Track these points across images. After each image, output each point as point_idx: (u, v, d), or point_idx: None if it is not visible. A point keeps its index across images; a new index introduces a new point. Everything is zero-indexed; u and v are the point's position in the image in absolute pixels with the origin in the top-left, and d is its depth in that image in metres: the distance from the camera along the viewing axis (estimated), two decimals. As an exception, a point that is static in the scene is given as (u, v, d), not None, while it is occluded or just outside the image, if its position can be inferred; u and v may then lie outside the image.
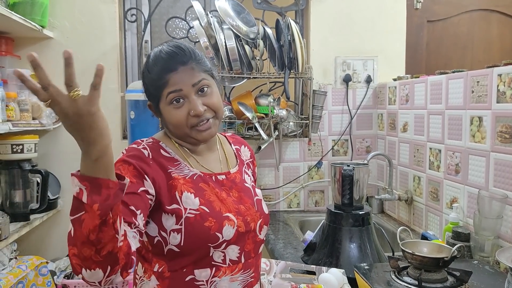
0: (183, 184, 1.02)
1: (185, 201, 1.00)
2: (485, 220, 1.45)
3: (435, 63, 2.65)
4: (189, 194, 1.01)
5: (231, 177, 1.13)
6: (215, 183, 1.08)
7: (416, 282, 1.22)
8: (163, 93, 1.03)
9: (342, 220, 1.56)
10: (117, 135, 2.27)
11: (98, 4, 2.23)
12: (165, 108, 1.04)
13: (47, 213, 2.09)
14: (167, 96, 1.02)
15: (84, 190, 0.74)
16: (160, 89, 1.03)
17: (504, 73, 1.43)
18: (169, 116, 1.04)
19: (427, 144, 1.90)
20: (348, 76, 2.40)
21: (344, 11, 2.39)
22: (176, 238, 0.98)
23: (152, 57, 1.06)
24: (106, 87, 2.25)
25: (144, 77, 1.08)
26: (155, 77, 1.03)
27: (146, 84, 1.08)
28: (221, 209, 1.03)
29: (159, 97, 1.04)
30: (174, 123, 1.04)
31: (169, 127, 1.07)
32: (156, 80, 1.03)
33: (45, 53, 2.20)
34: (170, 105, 1.03)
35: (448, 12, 2.71)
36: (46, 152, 2.21)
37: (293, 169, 2.41)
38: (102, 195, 0.75)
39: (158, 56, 1.05)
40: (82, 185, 0.74)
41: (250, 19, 2.17)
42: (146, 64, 1.08)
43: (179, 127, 1.04)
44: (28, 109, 1.91)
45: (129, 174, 0.95)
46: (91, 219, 0.75)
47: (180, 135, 1.08)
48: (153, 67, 1.05)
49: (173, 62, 1.03)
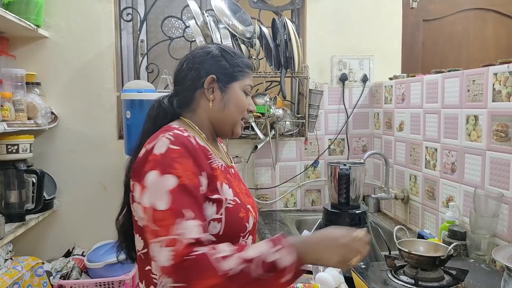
0: (220, 174, 1.05)
1: (224, 191, 1.03)
2: (481, 219, 1.46)
3: (431, 62, 2.65)
4: (225, 185, 1.04)
5: (235, 170, 1.19)
6: (232, 175, 1.13)
7: (413, 281, 1.22)
8: (246, 80, 1.14)
9: (339, 219, 1.56)
10: (113, 135, 2.27)
11: (94, 3, 2.22)
12: (238, 89, 1.13)
13: (43, 214, 2.08)
14: (245, 85, 1.14)
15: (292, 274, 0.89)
16: (242, 75, 1.13)
17: (499, 72, 1.43)
18: (239, 97, 1.13)
19: (423, 143, 1.90)
20: (345, 75, 2.40)
21: (340, 10, 2.39)
22: (216, 227, 0.99)
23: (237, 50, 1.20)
24: (102, 86, 2.25)
25: (226, 56, 1.13)
26: (241, 63, 1.13)
27: (226, 61, 1.13)
28: (244, 200, 1.08)
29: (238, 79, 1.13)
30: (242, 104, 1.13)
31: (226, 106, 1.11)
32: (242, 65, 1.13)
33: (41, 53, 2.19)
34: (242, 92, 1.14)
35: (444, 11, 2.72)
36: (42, 152, 2.19)
37: (290, 168, 2.41)
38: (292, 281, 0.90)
39: (242, 54, 1.18)
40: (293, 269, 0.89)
41: (246, 18, 2.16)
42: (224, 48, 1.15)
43: (241, 110, 1.14)
44: (23, 109, 1.90)
45: (190, 171, 0.95)
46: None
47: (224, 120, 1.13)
48: (241, 55, 1.16)
49: (250, 63, 1.18)
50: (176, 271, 0.84)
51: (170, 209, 0.88)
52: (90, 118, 2.24)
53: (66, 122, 2.23)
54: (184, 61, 1.15)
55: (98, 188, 2.26)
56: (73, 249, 2.24)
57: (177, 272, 0.84)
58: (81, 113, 2.24)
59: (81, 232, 2.26)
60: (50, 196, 2.17)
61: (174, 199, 0.89)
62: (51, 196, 2.18)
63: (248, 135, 2.24)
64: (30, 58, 2.18)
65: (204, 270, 0.84)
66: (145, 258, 1.03)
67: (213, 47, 1.15)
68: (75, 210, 2.25)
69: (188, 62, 1.13)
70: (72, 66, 2.22)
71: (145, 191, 0.92)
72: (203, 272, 0.84)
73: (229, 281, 0.84)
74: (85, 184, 2.25)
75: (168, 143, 0.95)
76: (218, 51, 1.13)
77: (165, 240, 0.86)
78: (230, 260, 0.85)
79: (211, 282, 0.83)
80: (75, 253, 2.20)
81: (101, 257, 2.03)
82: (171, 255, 0.84)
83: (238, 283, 0.85)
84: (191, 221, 0.89)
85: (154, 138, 0.99)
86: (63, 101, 2.22)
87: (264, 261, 0.86)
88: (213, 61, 1.12)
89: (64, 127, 2.23)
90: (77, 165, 2.24)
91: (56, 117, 2.20)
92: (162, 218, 0.88)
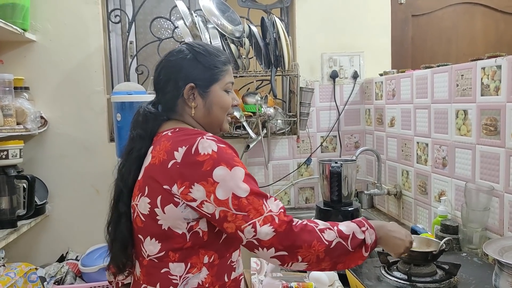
0: None
1: None
2: (472, 213, 1.46)
3: (421, 57, 2.66)
4: None
5: None
6: None
7: (406, 276, 1.23)
8: (225, 78, 1.14)
9: (332, 216, 1.57)
10: (104, 138, 2.25)
11: (81, 5, 2.20)
12: (219, 91, 1.14)
13: (35, 219, 2.07)
14: (226, 83, 1.15)
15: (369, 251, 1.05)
16: (221, 74, 1.13)
17: (487, 66, 1.44)
18: (222, 98, 1.14)
19: (414, 138, 1.91)
20: (335, 72, 2.40)
21: (329, 8, 2.39)
22: None
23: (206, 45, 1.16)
24: (91, 89, 2.23)
25: (199, 60, 1.12)
26: (217, 62, 1.13)
27: (201, 65, 1.12)
28: None
29: (217, 80, 1.13)
30: (225, 105, 1.15)
31: (212, 109, 1.13)
32: (219, 64, 1.13)
33: (29, 57, 2.17)
34: (223, 91, 1.15)
35: (432, 6, 2.73)
36: (32, 157, 2.18)
37: (283, 166, 2.41)
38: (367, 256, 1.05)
39: (218, 48, 1.17)
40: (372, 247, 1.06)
41: (235, 18, 2.16)
42: (198, 48, 1.13)
43: (223, 111, 1.15)
44: (12, 114, 1.88)
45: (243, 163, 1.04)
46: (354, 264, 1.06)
47: (210, 122, 1.15)
48: (214, 52, 1.14)
49: (227, 57, 1.18)
50: (281, 239, 0.96)
51: (252, 194, 0.98)
52: (81, 122, 2.23)
53: (56, 126, 2.21)
54: (160, 69, 1.14)
55: (90, 192, 2.25)
56: (66, 253, 2.23)
57: (282, 240, 0.96)
58: (71, 117, 2.22)
59: (74, 237, 2.24)
60: (42, 201, 2.15)
61: (250, 185, 1.00)
62: (43, 201, 2.16)
63: (240, 135, 2.24)
64: (18, 62, 2.16)
65: (308, 239, 0.98)
66: (160, 261, 1.05)
67: (186, 50, 1.13)
68: (67, 214, 2.24)
69: (164, 71, 1.13)
70: (61, 69, 2.20)
71: (218, 186, 0.98)
72: (307, 241, 0.97)
73: (328, 250, 0.99)
74: (77, 188, 2.24)
75: (215, 142, 1.02)
76: (192, 54, 1.12)
77: (262, 218, 0.97)
78: (331, 233, 1.00)
79: (313, 250, 0.98)
80: (69, 258, 2.19)
81: (95, 261, 2.01)
82: (273, 228, 0.96)
83: (333, 254, 1.00)
84: (271, 198, 1.01)
85: (187, 142, 1.02)
86: (53, 105, 2.20)
87: (355, 238, 1.02)
88: (189, 67, 1.11)
89: (54, 131, 2.21)
90: (69, 169, 2.23)
91: (46, 121, 2.18)
92: (247, 203, 0.97)
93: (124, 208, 1.12)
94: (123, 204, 1.12)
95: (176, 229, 1.03)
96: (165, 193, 1.01)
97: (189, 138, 1.02)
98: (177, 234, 1.03)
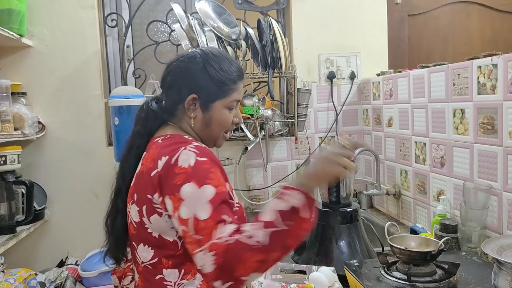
0: None
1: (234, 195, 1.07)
2: (471, 211, 1.46)
3: (418, 57, 2.67)
4: None
5: None
6: None
7: (405, 276, 1.23)
8: (231, 96, 1.11)
9: (330, 218, 1.56)
10: (102, 142, 2.25)
11: (77, 10, 2.20)
12: (221, 108, 1.11)
13: (34, 224, 2.06)
14: (231, 101, 1.11)
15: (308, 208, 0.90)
16: (229, 92, 1.11)
17: (483, 65, 1.44)
18: (222, 116, 1.12)
19: (412, 138, 1.91)
20: (332, 73, 2.40)
21: (325, 9, 2.40)
22: None
23: (225, 57, 1.12)
24: (89, 93, 2.23)
25: (209, 73, 1.09)
26: (227, 78, 1.10)
27: (209, 78, 1.09)
28: None
29: (223, 97, 1.10)
30: (223, 123, 1.13)
31: (210, 123, 1.12)
32: (231, 82, 1.11)
33: (26, 62, 2.17)
34: (226, 108, 1.12)
35: (428, 6, 2.73)
36: (30, 163, 2.17)
37: (281, 168, 2.41)
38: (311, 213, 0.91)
39: (231, 61, 1.12)
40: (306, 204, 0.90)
41: (231, 20, 2.16)
42: (212, 61, 1.09)
43: (222, 128, 1.14)
44: (9, 120, 1.88)
45: (223, 179, 0.99)
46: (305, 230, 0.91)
47: (209, 134, 1.14)
48: (230, 67, 1.11)
49: (242, 73, 1.14)
50: (221, 270, 0.86)
51: (211, 218, 0.91)
52: (78, 126, 2.22)
53: (54, 131, 2.21)
54: (169, 70, 1.13)
55: (89, 196, 2.25)
56: (66, 258, 2.22)
57: (222, 271, 0.86)
58: (69, 121, 2.22)
59: (73, 241, 2.24)
60: (41, 206, 2.14)
61: (214, 207, 0.92)
62: (42, 206, 2.15)
63: (238, 137, 2.24)
64: (15, 68, 2.16)
65: (240, 254, 0.86)
66: (154, 268, 1.04)
67: (199, 57, 1.10)
68: (67, 219, 2.23)
69: (171, 74, 1.12)
70: (58, 74, 2.20)
71: (183, 203, 0.94)
72: (240, 257, 0.86)
73: (267, 249, 0.86)
74: (76, 193, 2.24)
75: (195, 155, 0.98)
76: (203, 64, 1.09)
77: (208, 246, 0.88)
78: (257, 233, 0.87)
79: (252, 261, 0.86)
80: (68, 263, 2.18)
81: (95, 266, 2.01)
82: (214, 259, 0.86)
83: (275, 245, 0.87)
84: (229, 225, 0.91)
85: (170, 151, 0.99)
86: (50, 110, 2.20)
87: (281, 213, 0.88)
88: (196, 77, 1.09)
89: (52, 136, 2.21)
90: (67, 174, 2.22)
91: (44, 126, 2.18)
92: (204, 226, 0.90)
93: (121, 204, 1.12)
94: (121, 200, 1.13)
95: (166, 237, 1.02)
96: (149, 203, 1.01)
97: (174, 148, 1.00)
98: (168, 241, 1.02)
